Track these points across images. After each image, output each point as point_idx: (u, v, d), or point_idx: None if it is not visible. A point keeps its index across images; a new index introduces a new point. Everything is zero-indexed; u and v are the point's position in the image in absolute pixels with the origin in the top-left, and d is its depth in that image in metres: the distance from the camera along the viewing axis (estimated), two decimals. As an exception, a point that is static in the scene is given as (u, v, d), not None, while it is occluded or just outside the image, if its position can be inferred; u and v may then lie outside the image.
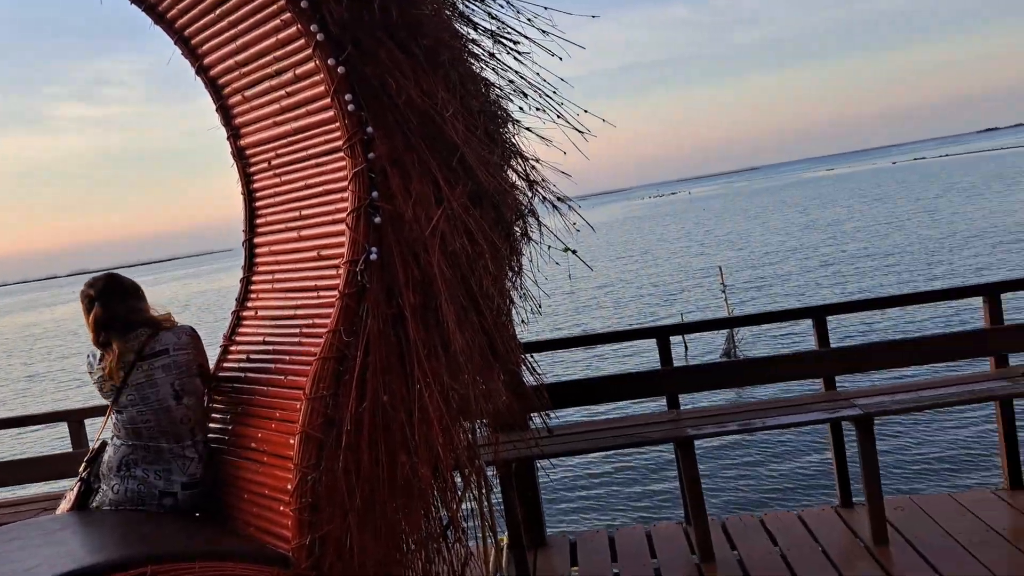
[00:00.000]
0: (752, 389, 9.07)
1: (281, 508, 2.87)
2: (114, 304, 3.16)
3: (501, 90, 3.53)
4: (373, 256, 2.91)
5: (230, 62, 3.32)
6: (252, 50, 3.19)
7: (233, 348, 3.53)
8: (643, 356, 14.75)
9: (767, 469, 8.92)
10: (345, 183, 3.01)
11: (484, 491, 3.46)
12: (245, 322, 3.56)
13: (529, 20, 3.36)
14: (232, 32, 3.19)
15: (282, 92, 3.20)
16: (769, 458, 9.18)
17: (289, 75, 3.10)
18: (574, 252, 3.50)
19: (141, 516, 2.99)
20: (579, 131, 3.49)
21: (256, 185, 3.60)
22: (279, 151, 3.38)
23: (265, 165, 3.49)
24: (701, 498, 3.99)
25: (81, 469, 3.17)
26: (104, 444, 3.17)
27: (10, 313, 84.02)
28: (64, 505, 3.17)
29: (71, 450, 4.44)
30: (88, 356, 3.25)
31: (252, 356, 3.37)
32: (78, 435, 4.37)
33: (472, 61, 3.38)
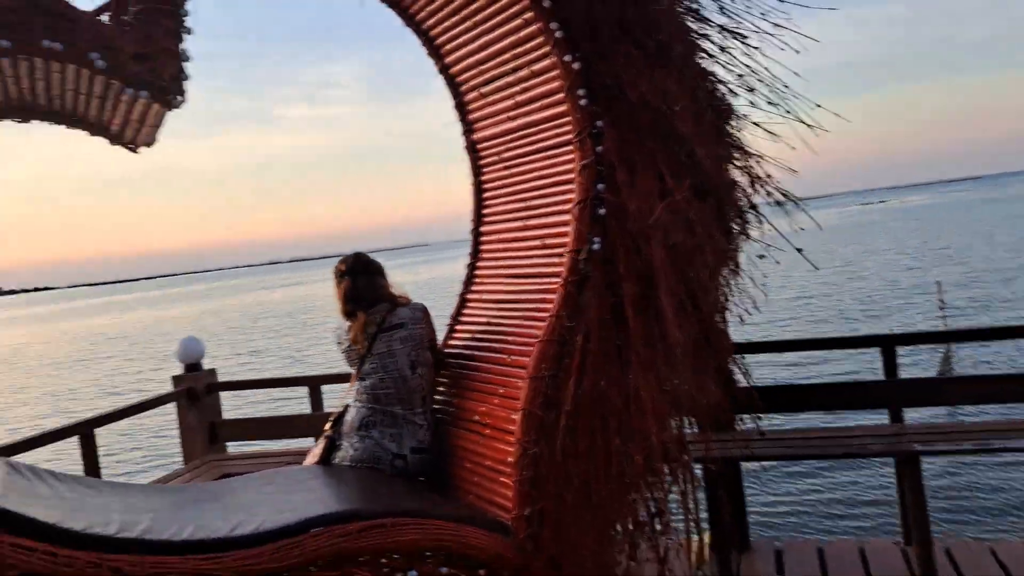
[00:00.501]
0: (972, 413, 8.30)
1: (502, 479, 3.04)
2: (361, 279, 3.49)
3: (728, 84, 3.51)
4: (596, 246, 3.01)
5: (470, 60, 3.56)
6: (492, 49, 3.40)
7: (459, 328, 3.77)
8: (834, 367, 13.85)
9: (998, 495, 8.12)
10: (572, 175, 3.13)
11: (691, 487, 3.46)
12: (470, 305, 3.79)
13: (762, 14, 3.33)
14: (475, 32, 3.41)
15: (517, 88, 3.38)
16: (1002, 483, 8.36)
17: (525, 71, 3.27)
18: (799, 251, 3.41)
19: (377, 475, 3.28)
20: (810, 126, 3.40)
21: (486, 177, 3.81)
22: (510, 145, 3.57)
23: (496, 158, 3.69)
24: (926, 519, 3.76)
25: (327, 427, 3.52)
26: (347, 407, 3.51)
27: (237, 294, 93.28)
28: (311, 458, 3.54)
29: (310, 412, 4.93)
30: (337, 329, 3.60)
31: (477, 336, 3.58)
32: (316, 399, 4.84)
33: (702, 55, 3.40)
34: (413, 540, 2.74)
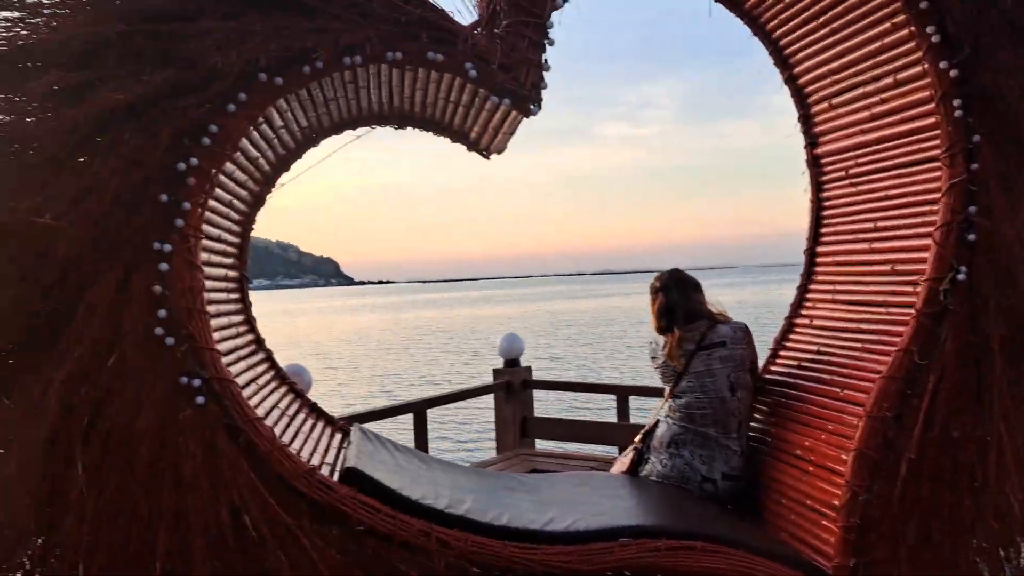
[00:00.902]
0: None
1: (824, 523, 2.80)
2: (676, 295, 3.44)
3: None
4: (961, 276, 2.67)
5: (822, 70, 3.34)
6: (848, 57, 3.16)
7: (783, 353, 3.55)
8: None
9: None
10: (934, 195, 2.81)
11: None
12: (798, 330, 3.55)
13: None
14: (831, 39, 3.19)
15: (875, 99, 3.10)
16: None
17: (888, 80, 2.99)
18: None
19: (685, 494, 3.19)
20: None
21: (827, 194, 3.55)
22: (860, 160, 3.29)
23: (842, 174, 3.43)
24: None
25: (637, 439, 3.51)
26: (658, 422, 3.46)
27: (545, 300, 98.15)
28: (618, 467, 3.55)
29: (615, 421, 4.98)
30: (651, 343, 3.57)
31: (803, 364, 3.35)
32: (623, 409, 4.88)
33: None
34: (719, 568, 2.63)
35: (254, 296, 3.40)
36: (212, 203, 2.62)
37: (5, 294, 2.23)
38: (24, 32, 2.32)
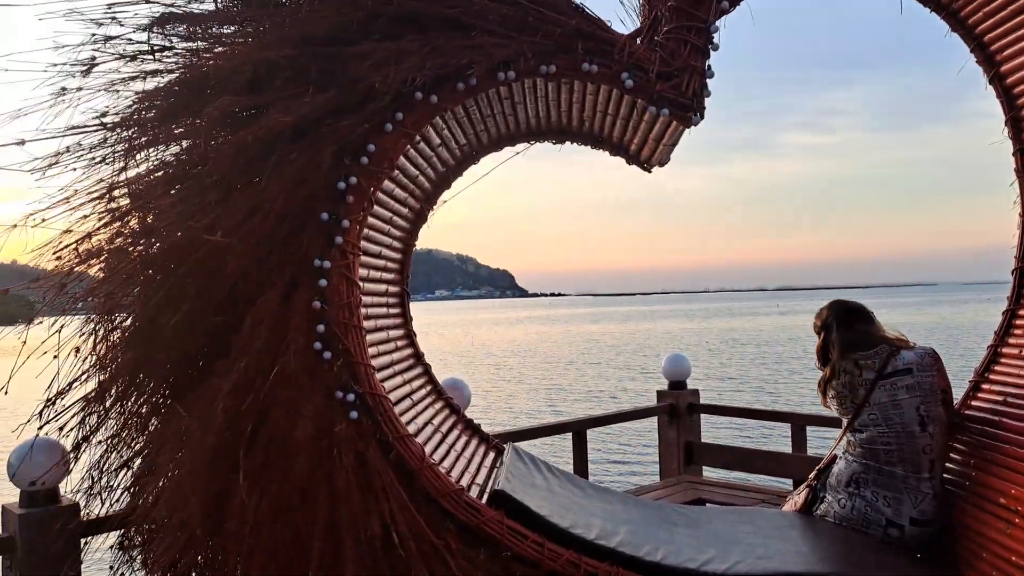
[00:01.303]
0: None
1: (1033, 585, 2.43)
2: (836, 332, 3.16)
3: None
4: None
5: (1034, 67, 2.94)
6: (1066, 51, 2.76)
7: (985, 386, 3.14)
8: None
9: None
10: None
11: None
12: (1004, 360, 3.12)
13: None
14: (1044, 32, 2.80)
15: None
16: None
17: (1120, 75, 2.57)
18: None
19: (867, 540, 2.88)
20: None
21: (1041, 207, 3.12)
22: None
23: (1059, 184, 2.99)
24: None
25: (811, 476, 3.23)
26: (835, 457, 3.17)
27: (720, 317, 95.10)
28: (790, 505, 3.28)
29: (790, 451, 4.63)
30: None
31: (1010, 400, 2.94)
32: (799, 439, 4.52)
33: None
34: (907, 629, 2.33)
35: (435, 305, 3.46)
36: (372, 220, 2.67)
37: (182, 310, 2.37)
38: (204, 60, 2.46)
